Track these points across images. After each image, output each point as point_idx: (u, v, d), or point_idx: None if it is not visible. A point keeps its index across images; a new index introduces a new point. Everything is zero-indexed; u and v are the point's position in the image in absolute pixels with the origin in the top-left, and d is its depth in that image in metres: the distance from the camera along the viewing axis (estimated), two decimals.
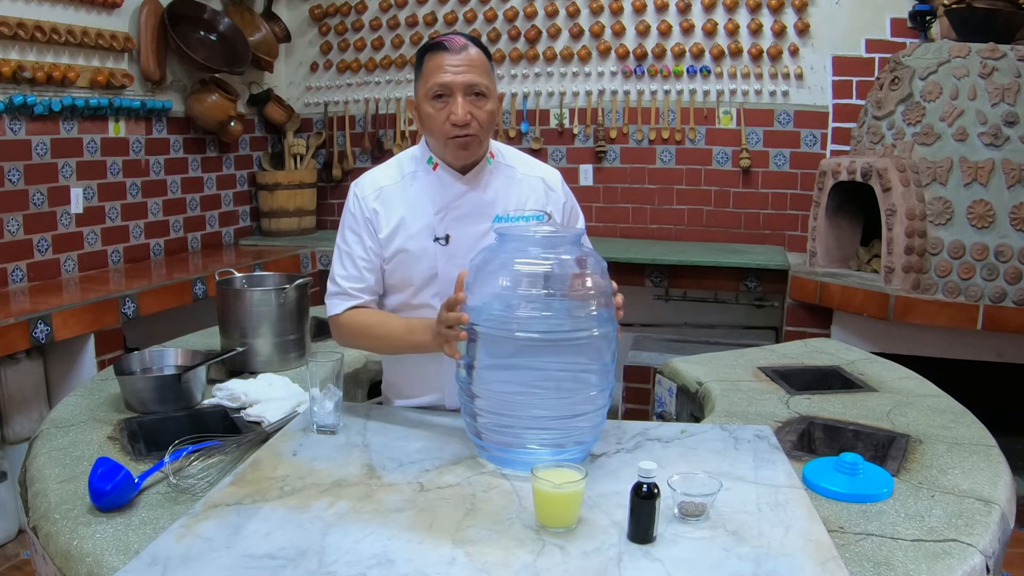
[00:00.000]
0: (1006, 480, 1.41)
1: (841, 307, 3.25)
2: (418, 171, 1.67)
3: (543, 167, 1.77)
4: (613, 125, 4.24)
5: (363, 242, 1.65)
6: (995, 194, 2.95)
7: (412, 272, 1.65)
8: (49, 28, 3.20)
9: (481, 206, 1.65)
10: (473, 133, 1.58)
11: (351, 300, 1.66)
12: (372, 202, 1.65)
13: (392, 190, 1.66)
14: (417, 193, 1.66)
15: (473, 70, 1.55)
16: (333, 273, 1.69)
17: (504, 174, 1.70)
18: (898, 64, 3.27)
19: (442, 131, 1.58)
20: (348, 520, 1.20)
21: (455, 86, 1.54)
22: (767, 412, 1.75)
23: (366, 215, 1.65)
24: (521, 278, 1.34)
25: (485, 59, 1.59)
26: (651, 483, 1.14)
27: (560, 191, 1.74)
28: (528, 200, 1.69)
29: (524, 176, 1.71)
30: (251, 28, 4.30)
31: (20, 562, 2.73)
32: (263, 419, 1.65)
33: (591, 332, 1.34)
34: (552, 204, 1.71)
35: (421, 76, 1.59)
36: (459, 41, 1.56)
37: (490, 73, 1.60)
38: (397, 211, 1.65)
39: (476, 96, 1.56)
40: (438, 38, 1.58)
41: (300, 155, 4.59)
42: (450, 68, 1.54)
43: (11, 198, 3.18)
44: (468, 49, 1.56)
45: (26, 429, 2.87)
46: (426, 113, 1.59)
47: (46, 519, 1.26)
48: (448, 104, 1.56)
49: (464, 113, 1.54)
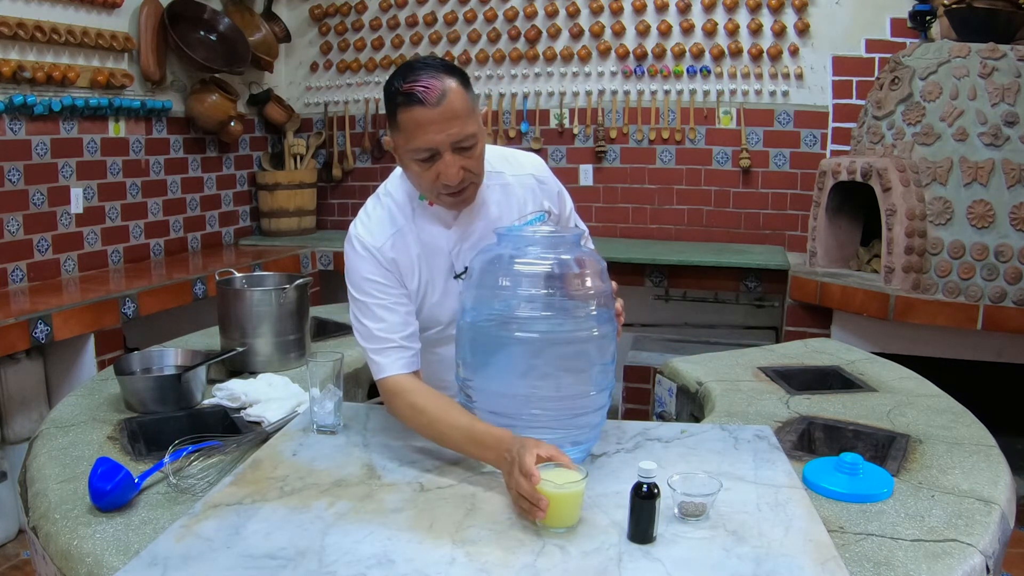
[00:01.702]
0: (1006, 480, 1.41)
1: (841, 307, 3.25)
2: (416, 209, 1.54)
3: (526, 160, 1.66)
4: (613, 125, 4.24)
5: (393, 290, 1.50)
6: (995, 194, 2.95)
7: (440, 312, 1.57)
8: (49, 28, 3.20)
9: (488, 226, 1.55)
10: (467, 186, 1.45)
11: (403, 352, 1.49)
12: (389, 252, 1.50)
13: (403, 235, 1.52)
14: (425, 232, 1.53)
15: (457, 121, 1.37)
16: (368, 331, 1.49)
17: (497, 183, 1.58)
18: (898, 64, 3.27)
19: (433, 190, 1.45)
20: (348, 520, 1.20)
21: (441, 146, 1.38)
22: (767, 412, 1.75)
23: (386, 267, 1.50)
24: (521, 278, 1.34)
25: (464, 95, 1.39)
26: (651, 483, 1.14)
27: (550, 181, 1.67)
28: (527, 203, 1.62)
29: (515, 177, 1.62)
30: (251, 28, 4.30)
31: (20, 562, 2.73)
32: (263, 419, 1.65)
33: (591, 332, 1.34)
34: (546, 197, 1.65)
35: (399, 131, 1.40)
36: (434, 91, 1.34)
37: (473, 110, 1.41)
38: (412, 255, 1.53)
39: (465, 148, 1.40)
40: (408, 80, 1.36)
41: (300, 155, 4.59)
42: (431, 126, 1.36)
43: (11, 198, 3.18)
44: (446, 97, 1.35)
45: (26, 429, 2.87)
46: (412, 171, 1.44)
47: (46, 519, 1.26)
48: (435, 165, 1.40)
49: (456, 172, 1.40)
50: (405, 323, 1.50)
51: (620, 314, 1.46)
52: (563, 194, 1.72)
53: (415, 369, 1.51)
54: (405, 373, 1.48)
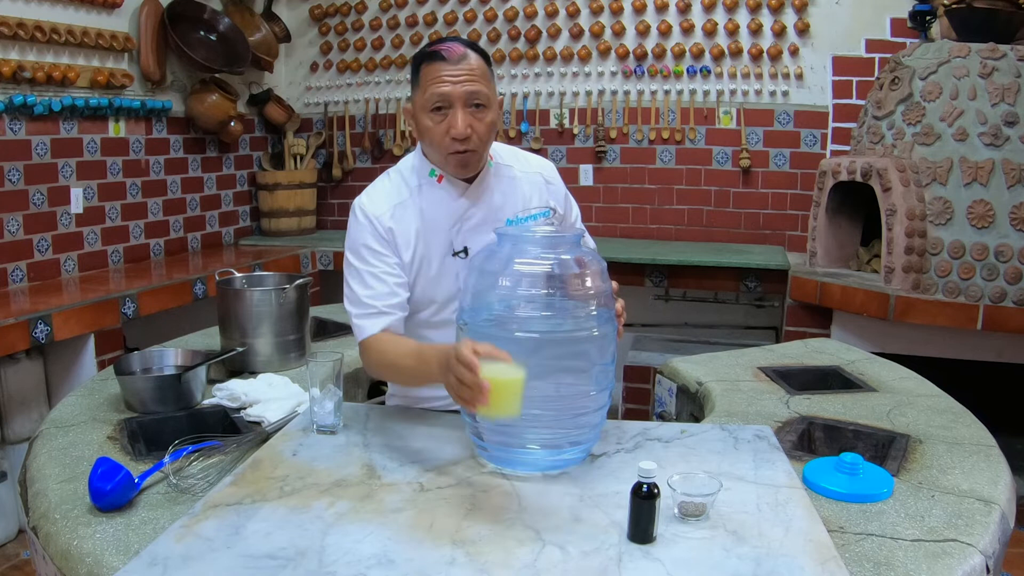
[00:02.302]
0: (1006, 480, 1.41)
1: (841, 307, 3.25)
2: (423, 184, 1.61)
3: (537, 161, 1.76)
4: (613, 125, 4.24)
5: (387, 259, 1.57)
6: (995, 194, 2.95)
7: (435, 290, 1.61)
8: (49, 28, 3.20)
9: (492, 213, 1.62)
10: (473, 148, 1.53)
11: (385, 318, 1.54)
12: (387, 221, 1.57)
13: (404, 207, 1.59)
14: (427, 208, 1.60)
15: (473, 79, 1.49)
16: (356, 296, 1.56)
17: (505, 174, 1.67)
18: (898, 64, 3.27)
19: (442, 144, 1.53)
20: (348, 520, 1.20)
21: (454, 97, 1.48)
22: (767, 412, 1.75)
23: (383, 235, 1.57)
24: (521, 278, 1.34)
25: (485, 66, 1.52)
26: (651, 483, 1.14)
27: (557, 183, 1.75)
28: (532, 198, 1.68)
29: (523, 173, 1.70)
30: (251, 28, 4.30)
31: (20, 562, 2.73)
32: (263, 419, 1.65)
33: (591, 332, 1.34)
34: (553, 197, 1.72)
35: (418, 86, 1.53)
36: (457, 50, 1.49)
37: (490, 80, 1.53)
38: (412, 228, 1.59)
39: (476, 107, 1.51)
40: (435, 45, 1.51)
41: (300, 155, 4.59)
42: (448, 79, 1.47)
43: (11, 198, 3.18)
44: (467, 58, 1.49)
45: (26, 429, 2.87)
46: (424, 125, 1.53)
47: (46, 519, 1.26)
48: (447, 116, 1.50)
49: (464, 126, 1.49)
50: (392, 293, 1.57)
51: (620, 314, 1.46)
52: (570, 200, 1.79)
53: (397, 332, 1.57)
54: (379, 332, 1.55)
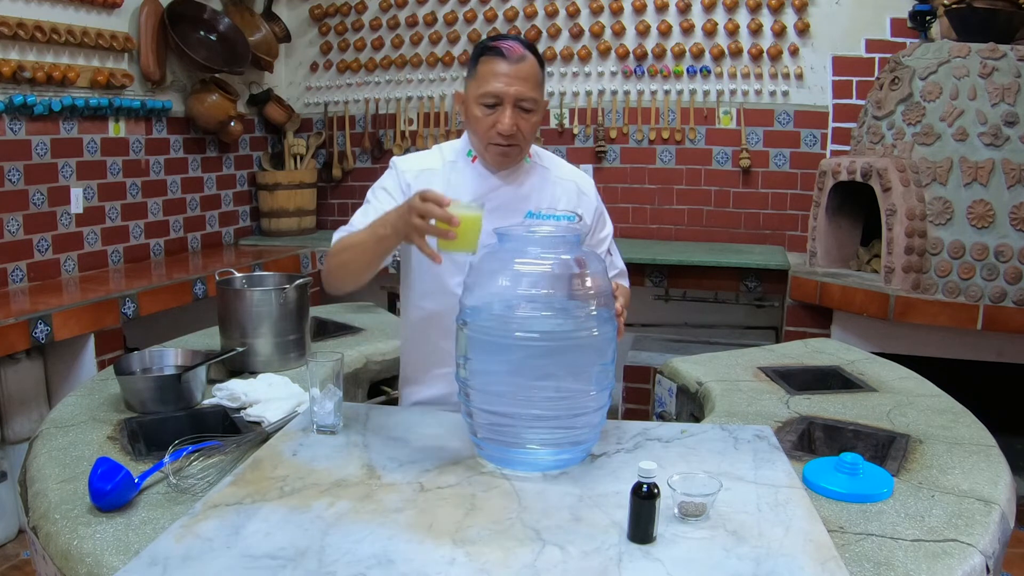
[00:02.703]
0: (1006, 480, 1.41)
1: (841, 307, 3.25)
2: (458, 161, 1.71)
3: (577, 171, 1.81)
4: (613, 125, 4.24)
5: (394, 201, 1.63)
6: (995, 194, 2.95)
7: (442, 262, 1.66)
8: (49, 28, 3.20)
9: (515, 201, 1.68)
10: (516, 144, 1.61)
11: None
12: (410, 178, 1.67)
13: (432, 174, 1.68)
14: (454, 181, 1.67)
15: (526, 83, 1.57)
16: (352, 220, 1.65)
17: (539, 174, 1.73)
18: (898, 64, 3.27)
19: (486, 136, 1.61)
20: (348, 520, 1.20)
21: (506, 97, 1.56)
22: (767, 412, 1.75)
23: (401, 187, 1.67)
24: (521, 278, 1.34)
25: (539, 71, 1.60)
26: (651, 483, 1.14)
27: (592, 196, 1.79)
28: (560, 200, 1.73)
29: (558, 178, 1.75)
30: (251, 28, 4.30)
31: (20, 562, 2.73)
32: (263, 419, 1.65)
33: (591, 332, 1.34)
34: (584, 207, 1.75)
35: (475, 77, 1.60)
36: (517, 50, 1.56)
37: (542, 85, 1.62)
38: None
39: (524, 110, 1.59)
40: (497, 40, 1.58)
41: (300, 155, 4.59)
42: (504, 77, 1.56)
43: (11, 198, 3.18)
44: (525, 59, 1.57)
45: (26, 429, 2.87)
46: (473, 115, 1.61)
47: (46, 519, 1.26)
48: (496, 112, 1.58)
49: (510, 125, 1.57)
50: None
51: (621, 313, 1.46)
52: (604, 217, 1.83)
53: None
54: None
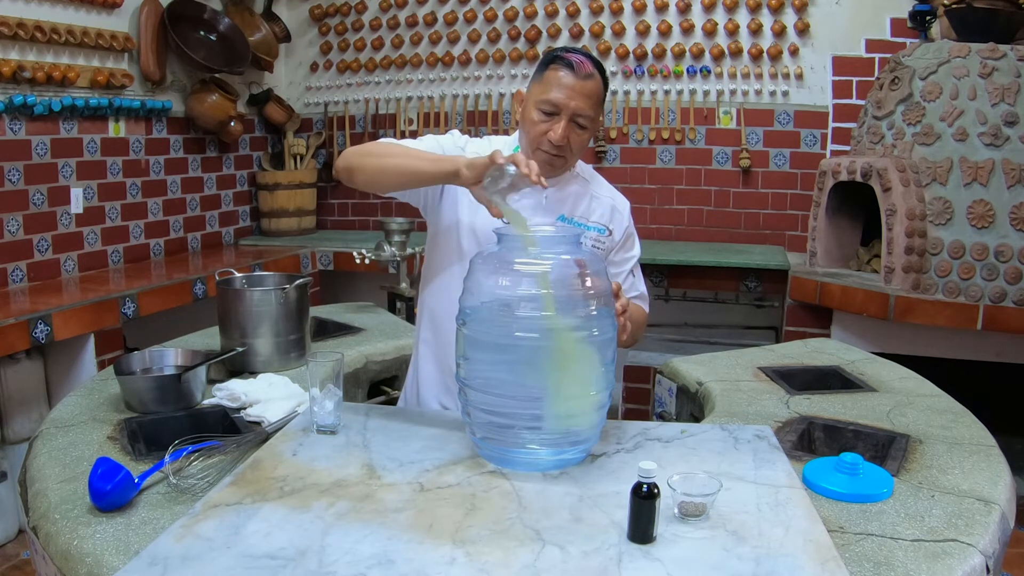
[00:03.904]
0: (1006, 480, 1.41)
1: (841, 307, 3.25)
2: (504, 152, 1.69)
3: (616, 193, 1.82)
4: (613, 125, 4.24)
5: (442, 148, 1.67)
6: (995, 194, 2.95)
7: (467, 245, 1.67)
8: (49, 28, 3.20)
9: (552, 202, 1.68)
10: (563, 156, 1.63)
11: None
12: (461, 146, 1.71)
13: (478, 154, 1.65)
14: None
15: (588, 100, 1.58)
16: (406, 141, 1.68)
17: (580, 185, 1.75)
18: (898, 64, 3.27)
19: (536, 141, 1.62)
20: (348, 520, 1.20)
21: (565, 109, 1.58)
22: (767, 412, 1.75)
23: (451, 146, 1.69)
24: (521, 278, 1.34)
25: (602, 91, 1.62)
26: (651, 483, 1.14)
27: (626, 216, 1.80)
28: (595, 213, 1.75)
29: (596, 194, 1.77)
30: (251, 28, 4.30)
31: (20, 562, 2.74)
32: (263, 419, 1.65)
33: (591, 332, 1.34)
34: (615, 223, 1.77)
35: (540, 81, 1.62)
36: (587, 67, 1.58)
37: (601, 105, 1.64)
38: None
39: (579, 125, 1.60)
40: (571, 52, 1.60)
41: (300, 155, 4.59)
42: (567, 89, 1.57)
43: (11, 198, 3.18)
44: (592, 77, 1.58)
45: (26, 429, 2.87)
46: (530, 117, 1.63)
47: (46, 519, 1.26)
48: (552, 121, 1.59)
49: (562, 136, 1.59)
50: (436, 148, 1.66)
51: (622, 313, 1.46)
52: (633, 238, 1.83)
53: None
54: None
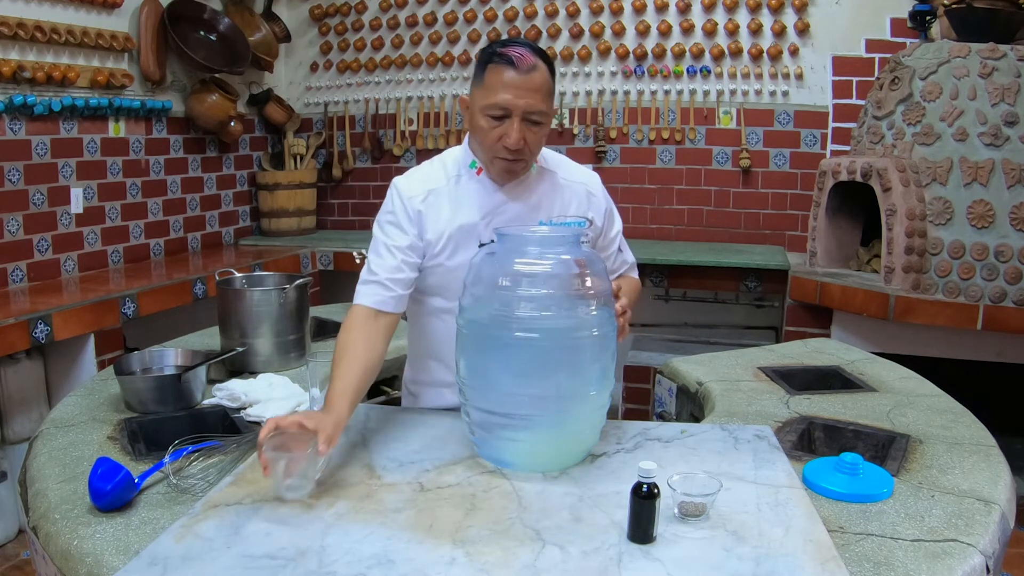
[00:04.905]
0: (1006, 480, 1.41)
1: (841, 307, 3.25)
2: (462, 174, 1.62)
3: (583, 172, 1.74)
4: (613, 125, 4.24)
5: (407, 235, 1.58)
6: (995, 194, 2.95)
7: (455, 276, 1.59)
8: (49, 28, 3.20)
9: (525, 212, 1.62)
10: (522, 159, 1.55)
11: (384, 292, 1.56)
12: (418, 203, 1.59)
13: (439, 193, 1.61)
14: (462, 197, 1.61)
15: (536, 95, 1.49)
16: (369, 264, 1.59)
17: (547, 179, 1.66)
18: (898, 64, 3.27)
19: (491, 149, 1.54)
20: (348, 520, 1.20)
21: (515, 110, 1.48)
22: (767, 412, 1.75)
23: (410, 214, 1.59)
24: (521, 278, 1.34)
25: (550, 80, 1.52)
26: (651, 483, 1.14)
27: (600, 196, 1.73)
28: (570, 206, 1.67)
29: (566, 182, 1.68)
30: (251, 28, 4.30)
31: (20, 562, 2.73)
32: (263, 419, 1.65)
33: (591, 332, 1.34)
34: (593, 209, 1.70)
35: (481, 86, 1.52)
36: (528, 59, 1.47)
37: (551, 95, 1.54)
38: (443, 214, 1.60)
39: (533, 123, 1.51)
40: (506, 47, 1.49)
41: (300, 155, 4.59)
42: (513, 89, 1.47)
43: (11, 198, 3.18)
44: (536, 69, 1.48)
45: (26, 429, 2.87)
46: (478, 125, 1.53)
47: (46, 519, 1.26)
48: (503, 125, 1.50)
49: (517, 140, 1.49)
50: (398, 268, 1.57)
51: (622, 313, 1.46)
52: (613, 215, 1.77)
53: (386, 309, 1.56)
54: (369, 306, 1.55)
